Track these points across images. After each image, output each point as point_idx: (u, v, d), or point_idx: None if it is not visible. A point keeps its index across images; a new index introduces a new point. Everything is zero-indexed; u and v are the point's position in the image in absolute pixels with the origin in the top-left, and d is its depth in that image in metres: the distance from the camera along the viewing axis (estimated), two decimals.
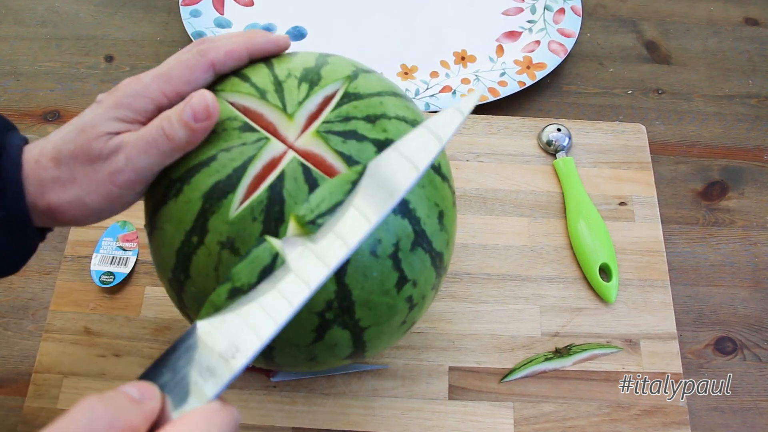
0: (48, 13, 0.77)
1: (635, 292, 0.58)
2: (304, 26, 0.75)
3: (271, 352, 0.41)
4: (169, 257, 0.39)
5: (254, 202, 0.36)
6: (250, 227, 0.36)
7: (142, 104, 0.38)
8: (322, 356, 0.41)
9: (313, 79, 0.39)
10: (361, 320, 0.39)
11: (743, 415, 0.55)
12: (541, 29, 0.73)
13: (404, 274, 0.39)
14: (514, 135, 0.66)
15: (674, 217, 0.64)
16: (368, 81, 0.41)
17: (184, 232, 0.38)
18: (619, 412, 0.53)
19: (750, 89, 0.72)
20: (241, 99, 0.39)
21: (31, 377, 0.54)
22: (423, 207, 0.39)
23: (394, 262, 0.38)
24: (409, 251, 0.38)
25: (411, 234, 0.38)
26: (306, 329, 0.38)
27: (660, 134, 0.69)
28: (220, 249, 0.37)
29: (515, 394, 0.54)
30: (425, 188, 0.39)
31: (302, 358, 0.41)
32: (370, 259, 0.37)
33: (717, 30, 0.76)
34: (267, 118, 0.38)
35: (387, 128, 0.39)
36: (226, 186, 0.37)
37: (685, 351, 0.57)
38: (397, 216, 0.38)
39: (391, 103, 0.40)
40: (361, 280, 0.37)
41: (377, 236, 0.37)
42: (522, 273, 0.59)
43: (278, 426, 0.52)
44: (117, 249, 0.59)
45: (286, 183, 0.36)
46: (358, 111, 0.39)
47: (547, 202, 0.62)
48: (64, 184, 0.38)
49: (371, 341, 0.41)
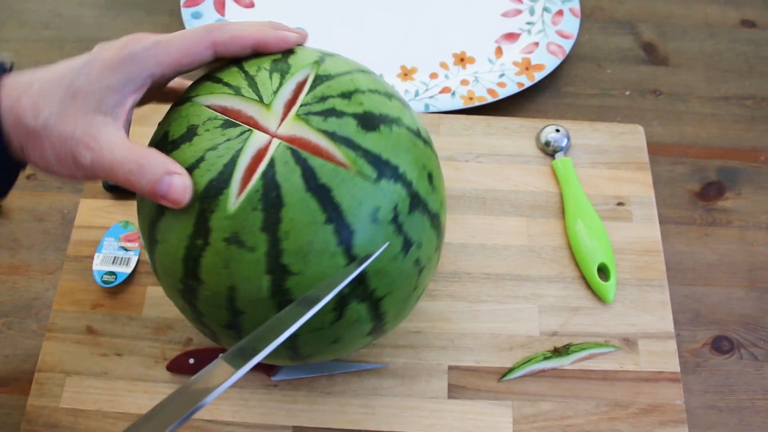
0: (51, 15, 0.77)
1: (633, 291, 0.58)
2: (304, 28, 0.75)
3: (295, 341, 0.41)
4: (176, 268, 0.39)
5: (251, 193, 0.37)
6: (251, 217, 0.37)
7: (134, 71, 0.38)
8: (345, 336, 0.42)
9: (282, 69, 0.40)
10: (376, 290, 0.40)
11: (740, 413, 0.55)
12: (540, 31, 0.74)
13: (408, 238, 0.40)
14: (512, 136, 0.66)
15: (672, 217, 0.64)
16: (335, 62, 0.42)
17: (187, 237, 0.38)
18: (617, 410, 0.54)
19: (747, 90, 0.73)
20: (217, 99, 0.40)
21: (34, 376, 0.54)
22: (412, 170, 0.40)
23: (396, 226, 0.39)
24: (408, 214, 0.39)
25: (406, 197, 0.39)
26: (325, 310, 0.39)
27: (657, 135, 0.69)
28: (226, 245, 0.37)
29: (514, 393, 0.54)
30: (410, 152, 0.40)
31: (327, 341, 0.42)
32: (373, 227, 0.38)
33: (714, 32, 0.77)
34: (246, 113, 0.39)
35: (363, 101, 0.40)
36: (220, 182, 0.37)
37: (682, 350, 0.57)
38: (389, 181, 0.38)
39: (361, 78, 0.41)
40: (369, 250, 0.38)
41: (375, 204, 0.38)
42: (521, 273, 0.59)
43: (279, 424, 0.52)
44: (119, 249, 0.59)
45: (277, 168, 0.37)
46: (332, 90, 0.40)
47: (545, 202, 0.63)
48: (35, 141, 0.37)
49: (389, 312, 0.42)
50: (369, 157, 0.38)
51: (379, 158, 0.38)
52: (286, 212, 0.36)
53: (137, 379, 0.54)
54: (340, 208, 0.37)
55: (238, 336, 0.41)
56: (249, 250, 0.37)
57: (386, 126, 0.40)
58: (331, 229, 0.37)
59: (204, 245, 0.38)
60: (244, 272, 0.37)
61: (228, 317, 0.40)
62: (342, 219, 0.37)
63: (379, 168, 0.38)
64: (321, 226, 0.37)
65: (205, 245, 0.38)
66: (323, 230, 0.37)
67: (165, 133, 0.40)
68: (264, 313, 0.38)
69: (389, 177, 0.38)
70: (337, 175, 0.37)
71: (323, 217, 0.37)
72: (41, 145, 0.37)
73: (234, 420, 0.53)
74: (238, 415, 0.53)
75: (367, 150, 0.38)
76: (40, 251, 0.61)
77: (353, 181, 0.37)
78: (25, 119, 0.37)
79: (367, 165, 0.38)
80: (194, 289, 0.39)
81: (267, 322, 0.36)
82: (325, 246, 0.37)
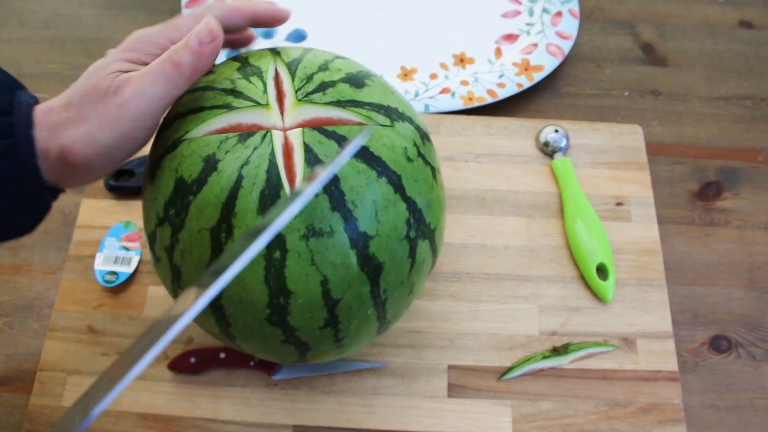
0: (51, 15, 0.77)
1: (632, 291, 0.59)
2: (304, 29, 0.75)
3: (383, 305, 0.42)
4: (258, 296, 0.39)
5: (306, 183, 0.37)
6: (316, 203, 0.37)
7: (150, 48, 0.40)
8: (417, 283, 0.44)
9: (254, 71, 0.41)
10: (430, 223, 0.42)
11: (738, 412, 0.55)
12: (539, 32, 0.74)
13: (433, 167, 0.43)
14: (512, 136, 0.66)
15: (671, 217, 0.65)
16: (290, 49, 0.43)
17: (262, 257, 0.38)
18: (616, 409, 0.54)
19: (746, 91, 0.73)
20: (213, 124, 0.39)
21: (36, 375, 0.54)
22: (405, 107, 0.43)
23: (423, 159, 0.42)
24: (423, 145, 0.42)
25: (415, 131, 0.42)
26: (402, 256, 0.40)
27: (657, 135, 0.70)
28: (306, 242, 0.37)
29: (513, 392, 0.54)
30: (395, 93, 0.43)
31: (405, 292, 0.43)
32: (410, 166, 0.40)
33: (713, 32, 0.77)
34: (248, 122, 0.39)
35: (338, 67, 0.42)
36: (271, 189, 0.37)
37: (681, 349, 0.58)
38: (400, 122, 0.41)
39: (318, 53, 0.43)
40: (414, 184, 0.40)
41: (403, 144, 0.40)
42: (520, 273, 0.59)
43: (279, 423, 0.53)
44: (120, 249, 0.59)
45: (316, 150, 0.38)
46: (310, 68, 0.41)
47: (545, 202, 0.63)
48: (76, 123, 0.38)
49: (439, 244, 0.45)
50: (375, 107, 0.40)
51: (382, 106, 0.41)
52: (345, 184, 0.37)
53: (138, 378, 0.54)
54: (382, 160, 0.39)
55: (335, 333, 0.41)
56: (329, 235, 0.37)
57: (368, 79, 0.42)
58: (384, 182, 0.39)
59: (283, 254, 0.37)
60: (332, 258, 0.38)
61: (325, 314, 0.40)
62: (389, 168, 0.39)
63: (388, 114, 0.41)
64: (376, 182, 0.38)
65: (285, 253, 0.37)
66: (380, 185, 0.38)
67: (179, 180, 0.39)
68: (358, 289, 0.39)
69: (398, 118, 0.41)
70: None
71: (374, 174, 0.38)
72: (82, 121, 0.38)
73: (234, 419, 0.53)
74: (238, 414, 0.53)
75: (371, 103, 0.40)
76: (41, 251, 0.61)
77: (379, 133, 0.39)
78: (59, 115, 0.38)
79: (379, 115, 0.40)
80: (284, 306, 0.39)
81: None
82: (387, 199, 0.39)
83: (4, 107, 0.38)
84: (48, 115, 0.38)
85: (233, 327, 0.41)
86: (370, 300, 0.40)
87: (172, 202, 0.39)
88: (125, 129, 0.38)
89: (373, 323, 0.43)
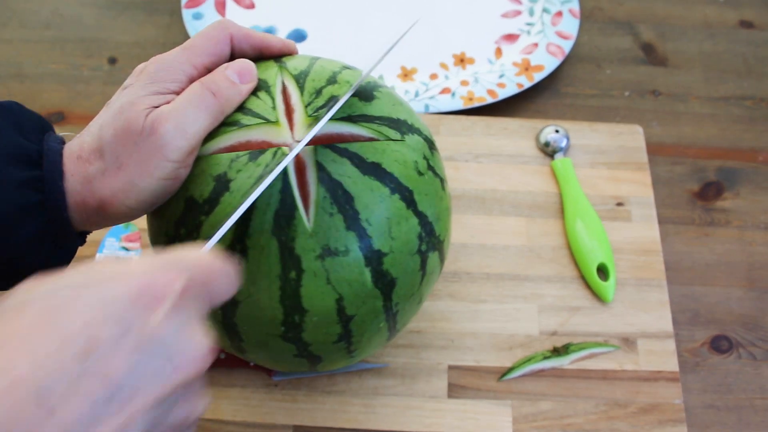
0: (52, 15, 0.77)
1: (632, 291, 0.59)
2: (304, 29, 0.75)
3: (395, 317, 0.42)
4: (273, 314, 0.38)
5: (319, 202, 0.36)
6: (332, 223, 0.37)
7: (174, 75, 0.37)
8: (426, 293, 0.44)
9: (260, 86, 0.40)
10: (440, 235, 0.42)
11: (738, 412, 0.55)
12: (540, 32, 0.74)
13: (441, 177, 0.43)
14: (512, 136, 0.67)
15: (671, 217, 0.65)
16: (295, 60, 0.42)
17: (278, 277, 0.37)
18: (616, 410, 0.54)
19: (745, 91, 0.73)
20: (222, 142, 0.38)
21: None
22: (414, 118, 0.43)
23: (433, 171, 0.42)
24: (432, 156, 0.42)
25: (424, 143, 0.42)
26: (414, 270, 0.40)
27: (657, 135, 0.70)
28: (321, 262, 0.37)
29: (514, 393, 0.54)
30: (403, 104, 0.43)
31: (415, 302, 0.43)
32: (421, 180, 0.40)
33: (712, 32, 0.77)
34: (257, 139, 0.38)
35: (346, 79, 0.41)
36: (286, 208, 0.36)
37: (681, 349, 0.58)
38: (410, 134, 0.41)
39: (325, 63, 0.42)
40: (425, 198, 0.40)
41: (413, 159, 0.40)
42: (520, 272, 0.59)
43: (279, 424, 0.53)
44: (120, 249, 0.59)
45: (329, 168, 0.37)
46: (318, 81, 0.40)
47: (545, 202, 0.63)
48: (113, 173, 0.35)
49: (446, 253, 0.45)
50: (385, 121, 0.40)
51: (392, 119, 0.40)
52: (359, 202, 0.37)
53: None
54: (394, 176, 0.38)
55: (348, 346, 0.41)
56: (344, 254, 0.37)
57: (377, 91, 0.41)
58: (397, 198, 0.38)
59: (299, 274, 0.37)
60: (347, 276, 0.37)
61: (339, 329, 0.40)
62: (400, 184, 0.38)
63: (398, 127, 0.40)
64: (389, 198, 0.38)
65: (300, 273, 0.37)
66: (393, 201, 0.38)
67: (188, 199, 0.38)
68: (372, 304, 0.39)
69: (407, 131, 0.40)
70: (376, 149, 0.38)
71: (387, 191, 0.38)
72: (119, 170, 0.35)
73: (234, 419, 0.53)
74: (238, 414, 0.53)
75: (381, 117, 0.40)
76: None
77: (390, 148, 0.39)
78: (92, 165, 0.36)
79: (389, 129, 0.39)
80: (299, 324, 0.39)
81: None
82: (399, 215, 0.38)
83: (33, 157, 0.35)
84: (80, 165, 0.36)
85: (246, 342, 0.41)
86: (382, 314, 0.40)
87: (183, 222, 0.38)
88: (167, 171, 0.36)
89: (384, 334, 0.43)
